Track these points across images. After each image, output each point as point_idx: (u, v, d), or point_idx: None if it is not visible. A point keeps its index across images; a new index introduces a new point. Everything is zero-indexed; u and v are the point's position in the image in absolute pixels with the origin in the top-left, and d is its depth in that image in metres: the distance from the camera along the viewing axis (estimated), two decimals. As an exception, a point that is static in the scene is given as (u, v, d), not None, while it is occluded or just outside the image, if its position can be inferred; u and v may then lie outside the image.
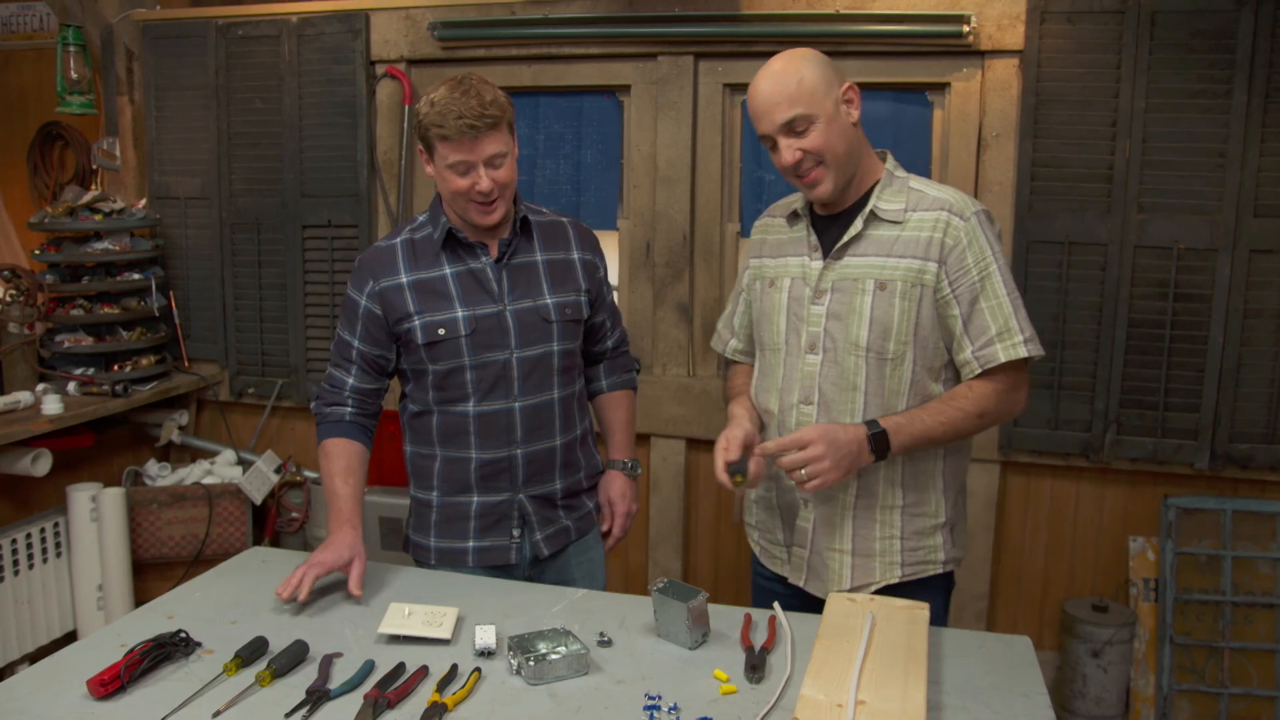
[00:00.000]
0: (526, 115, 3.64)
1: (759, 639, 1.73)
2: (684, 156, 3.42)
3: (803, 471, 1.75)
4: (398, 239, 2.08)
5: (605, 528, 2.28)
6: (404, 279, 2.03)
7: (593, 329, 2.23)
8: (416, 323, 2.01)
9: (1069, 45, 2.99)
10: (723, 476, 1.86)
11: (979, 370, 1.84)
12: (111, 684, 1.52)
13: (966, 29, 3.03)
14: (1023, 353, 1.82)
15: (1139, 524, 3.19)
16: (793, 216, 2.00)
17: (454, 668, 1.61)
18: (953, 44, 3.09)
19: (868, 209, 1.88)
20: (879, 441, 1.78)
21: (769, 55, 3.21)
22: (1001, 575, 3.33)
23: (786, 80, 1.81)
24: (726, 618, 1.80)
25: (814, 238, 1.94)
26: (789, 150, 1.82)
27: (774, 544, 2.06)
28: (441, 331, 2.01)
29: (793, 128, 1.81)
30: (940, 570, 1.97)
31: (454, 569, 2.10)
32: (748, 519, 2.14)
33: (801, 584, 2.00)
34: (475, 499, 2.10)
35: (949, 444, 1.90)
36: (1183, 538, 3.08)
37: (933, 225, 1.84)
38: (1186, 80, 2.91)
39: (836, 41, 3.18)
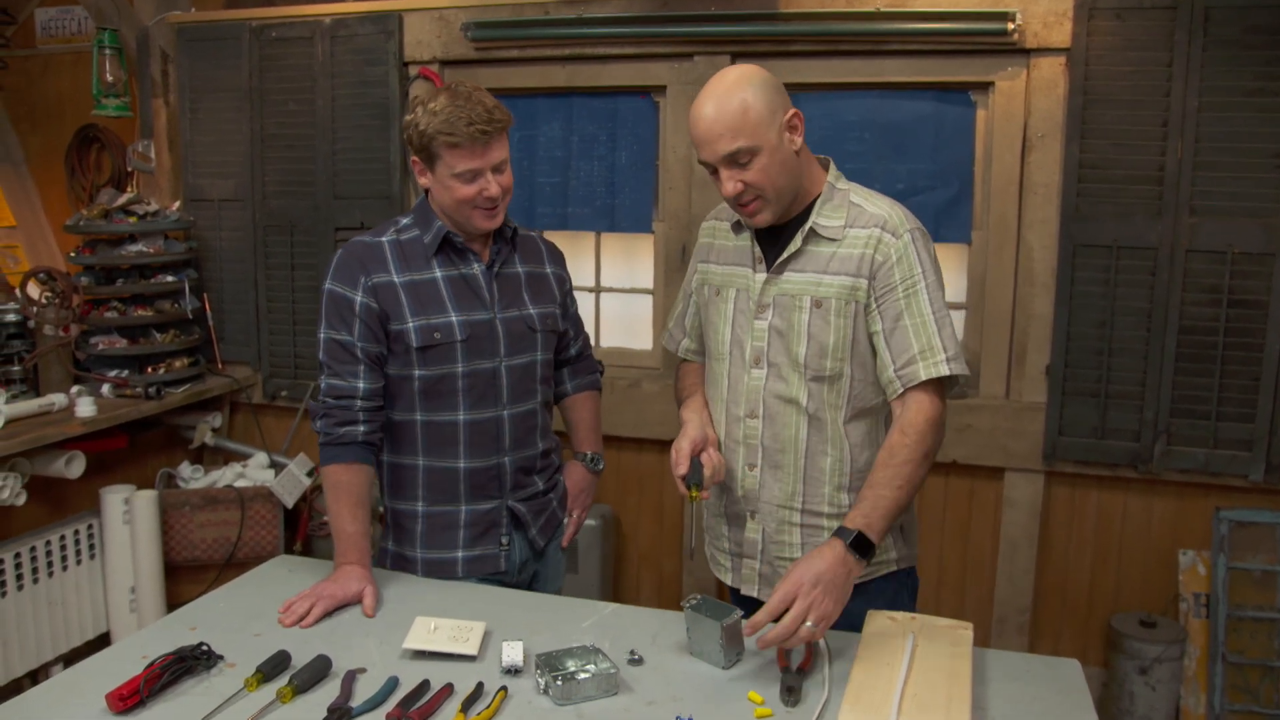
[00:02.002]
0: (560, 116, 3.60)
1: (795, 659, 1.67)
2: (719, 158, 3.36)
3: (808, 623, 1.57)
4: (384, 238, 2.03)
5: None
6: (396, 278, 1.99)
7: (559, 337, 2.24)
8: (411, 325, 1.97)
9: (1118, 42, 2.90)
10: (683, 490, 1.83)
11: (901, 389, 1.79)
12: (130, 699, 1.49)
13: (1011, 26, 2.95)
14: (945, 370, 1.77)
15: (1189, 537, 3.09)
16: (737, 225, 1.97)
17: (479, 686, 1.57)
18: (997, 42, 3.01)
19: (807, 225, 1.85)
20: (861, 547, 1.66)
21: (807, 55, 3.21)
22: (1045, 588, 3.24)
23: (730, 108, 1.74)
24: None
25: (757, 249, 1.91)
26: (730, 181, 1.78)
27: (720, 551, 2.05)
28: (437, 335, 1.97)
29: (735, 159, 1.76)
30: (895, 569, 1.94)
31: (443, 580, 2.06)
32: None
33: (755, 594, 1.97)
34: (464, 507, 2.07)
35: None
36: (1236, 552, 2.97)
37: (865, 242, 1.82)
38: (1241, 78, 2.81)
39: (877, 40, 3.12)
